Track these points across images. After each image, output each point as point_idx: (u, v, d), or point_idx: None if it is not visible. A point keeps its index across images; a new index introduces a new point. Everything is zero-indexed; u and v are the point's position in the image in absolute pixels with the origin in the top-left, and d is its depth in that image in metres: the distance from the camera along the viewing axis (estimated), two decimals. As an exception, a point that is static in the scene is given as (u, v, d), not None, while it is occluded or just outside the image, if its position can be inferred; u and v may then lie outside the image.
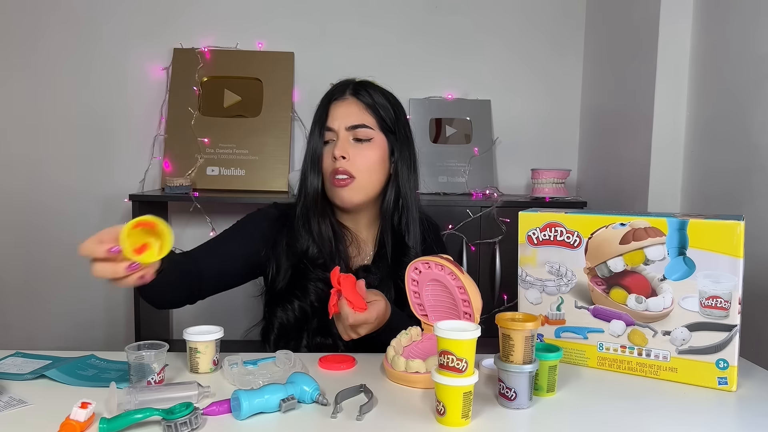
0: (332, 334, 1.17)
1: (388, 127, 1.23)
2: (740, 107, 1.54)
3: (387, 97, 1.26)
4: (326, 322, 1.17)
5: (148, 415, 0.77)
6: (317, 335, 1.20)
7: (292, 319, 1.20)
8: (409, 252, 1.23)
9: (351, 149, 1.19)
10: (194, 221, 2.22)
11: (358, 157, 1.18)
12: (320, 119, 1.21)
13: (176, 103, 2.18)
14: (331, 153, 1.19)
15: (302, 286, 1.20)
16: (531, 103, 2.35)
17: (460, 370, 0.79)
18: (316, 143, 1.21)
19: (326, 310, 1.08)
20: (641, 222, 0.97)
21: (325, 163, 1.21)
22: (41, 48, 2.21)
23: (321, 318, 1.19)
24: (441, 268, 1.01)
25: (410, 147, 1.27)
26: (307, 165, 1.22)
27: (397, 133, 1.24)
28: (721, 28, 1.64)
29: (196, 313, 2.32)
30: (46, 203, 2.25)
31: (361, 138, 1.19)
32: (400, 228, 1.25)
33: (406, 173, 1.25)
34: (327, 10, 2.27)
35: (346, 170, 1.17)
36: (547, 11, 2.32)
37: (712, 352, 0.94)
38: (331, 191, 1.21)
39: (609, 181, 2.11)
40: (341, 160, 1.17)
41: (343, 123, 1.19)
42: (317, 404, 0.86)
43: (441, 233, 1.40)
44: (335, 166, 1.18)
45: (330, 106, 1.21)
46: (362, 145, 1.19)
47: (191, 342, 0.99)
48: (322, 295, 1.18)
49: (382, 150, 1.22)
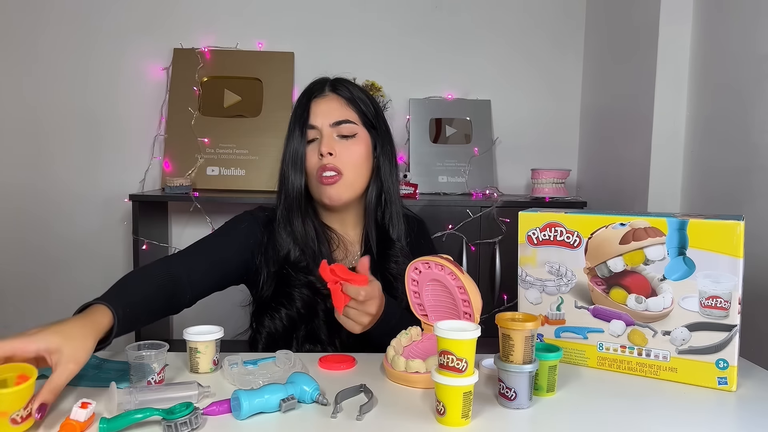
0: (321, 341, 1.16)
1: (369, 122, 1.22)
2: (740, 107, 1.54)
3: (364, 92, 1.24)
4: (314, 328, 1.16)
5: (148, 415, 0.77)
6: (306, 342, 1.17)
7: (280, 328, 1.17)
8: (393, 246, 1.23)
9: (336, 146, 1.17)
10: (194, 221, 2.22)
11: (345, 153, 1.17)
12: (301, 117, 1.18)
13: (176, 103, 2.18)
14: (316, 151, 1.17)
15: (287, 294, 1.17)
16: (531, 103, 2.35)
17: (460, 370, 0.79)
18: (298, 142, 1.18)
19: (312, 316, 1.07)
20: (641, 222, 0.97)
21: (310, 162, 1.18)
22: (41, 48, 2.21)
23: (308, 325, 1.17)
24: (441, 268, 1.01)
25: (391, 141, 1.26)
26: (288, 165, 1.19)
27: (378, 127, 1.23)
28: (721, 28, 1.64)
29: (196, 313, 2.32)
30: (46, 203, 2.25)
31: (346, 134, 1.18)
32: (383, 222, 1.24)
33: (388, 167, 1.24)
34: (327, 10, 2.27)
35: (335, 167, 1.16)
36: (548, 11, 2.32)
37: (712, 352, 0.94)
38: (318, 189, 1.19)
39: (609, 181, 2.11)
40: (328, 157, 1.16)
41: (326, 120, 1.18)
42: (317, 404, 0.86)
43: (425, 227, 1.37)
44: (322, 163, 1.16)
45: (311, 103, 1.19)
46: (347, 141, 1.18)
47: (191, 342, 0.99)
48: (308, 300, 1.16)
49: (366, 145, 1.20)
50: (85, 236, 2.26)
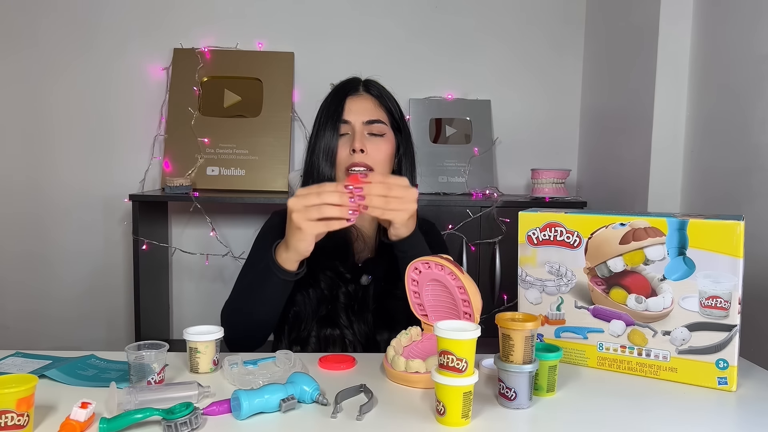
0: (339, 325, 1.21)
1: (396, 124, 1.27)
2: (740, 107, 1.54)
3: (392, 96, 1.30)
4: (336, 310, 1.23)
5: (148, 415, 0.77)
6: (326, 326, 1.22)
7: (309, 307, 1.23)
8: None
9: (367, 143, 1.21)
10: (194, 221, 2.22)
11: (375, 151, 1.21)
12: (335, 112, 1.23)
13: (176, 103, 2.18)
14: (348, 146, 1.21)
15: (313, 275, 1.22)
16: (531, 102, 2.35)
17: (460, 370, 0.79)
18: (330, 136, 1.22)
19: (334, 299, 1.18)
20: (641, 222, 0.97)
21: (340, 156, 1.22)
22: (41, 48, 2.21)
23: (330, 306, 1.23)
24: (441, 268, 1.01)
25: (412, 145, 1.32)
26: (319, 157, 1.22)
27: (403, 130, 1.29)
28: (721, 28, 1.64)
29: (196, 313, 2.32)
30: (46, 203, 2.25)
31: (376, 133, 1.23)
32: None
33: (409, 169, 1.29)
34: (327, 10, 2.27)
35: (365, 163, 1.20)
36: (547, 11, 2.32)
37: (712, 352, 0.94)
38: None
39: (609, 181, 2.11)
40: (360, 153, 1.19)
41: (360, 117, 1.22)
42: (317, 404, 0.86)
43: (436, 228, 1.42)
44: (353, 159, 1.20)
45: (345, 100, 1.24)
46: (377, 140, 1.23)
47: (191, 342, 0.99)
48: (330, 284, 1.23)
49: (392, 146, 1.25)
50: (85, 236, 2.26)
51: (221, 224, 2.21)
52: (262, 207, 2.13)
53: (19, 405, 0.73)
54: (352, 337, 1.21)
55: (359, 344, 1.22)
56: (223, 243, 2.12)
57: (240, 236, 2.18)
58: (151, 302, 2.05)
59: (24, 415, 0.74)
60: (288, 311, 1.24)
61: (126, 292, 2.25)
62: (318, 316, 1.23)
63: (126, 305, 2.26)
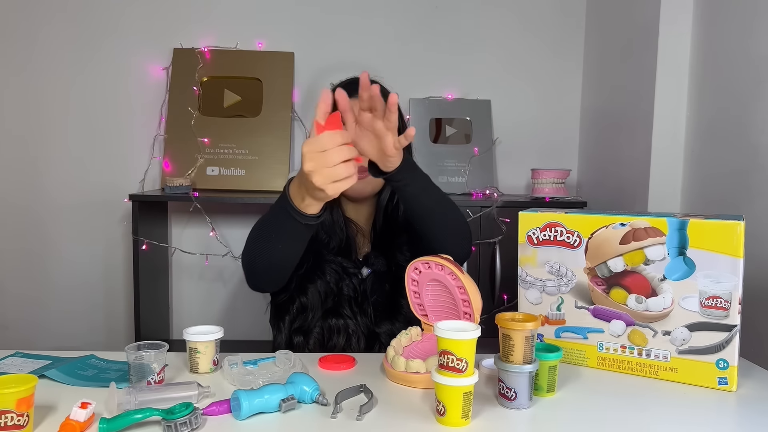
0: (343, 316, 1.25)
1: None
2: (740, 107, 1.54)
3: None
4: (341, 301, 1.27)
5: (148, 415, 0.77)
6: (331, 317, 1.25)
7: (317, 297, 1.26)
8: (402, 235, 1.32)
9: None
10: (194, 221, 2.22)
11: None
12: None
13: (176, 103, 2.18)
14: None
15: (320, 267, 1.27)
16: (531, 103, 2.34)
17: (460, 370, 0.79)
18: None
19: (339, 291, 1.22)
20: (641, 222, 0.97)
21: None
22: (41, 48, 2.21)
23: (335, 299, 1.27)
24: (441, 268, 1.01)
25: (410, 146, 1.32)
26: None
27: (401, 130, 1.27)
28: (721, 28, 1.64)
29: (196, 313, 2.32)
30: (46, 203, 2.25)
31: None
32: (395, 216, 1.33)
33: None
34: (327, 10, 2.27)
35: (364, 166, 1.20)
36: (547, 11, 2.32)
37: (712, 352, 0.94)
38: None
39: (609, 181, 2.11)
40: None
41: None
42: (317, 404, 0.86)
43: None
44: None
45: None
46: None
47: (191, 342, 0.99)
48: (336, 277, 1.28)
49: None
50: (85, 236, 2.25)
51: (221, 224, 2.21)
52: (262, 207, 2.13)
53: (19, 405, 0.73)
54: (355, 327, 1.25)
55: (362, 334, 1.26)
56: (223, 243, 2.12)
57: (240, 236, 2.17)
58: (150, 302, 2.05)
59: (24, 415, 0.74)
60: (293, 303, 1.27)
61: (126, 292, 2.25)
62: (325, 308, 1.27)
63: (126, 305, 2.26)
